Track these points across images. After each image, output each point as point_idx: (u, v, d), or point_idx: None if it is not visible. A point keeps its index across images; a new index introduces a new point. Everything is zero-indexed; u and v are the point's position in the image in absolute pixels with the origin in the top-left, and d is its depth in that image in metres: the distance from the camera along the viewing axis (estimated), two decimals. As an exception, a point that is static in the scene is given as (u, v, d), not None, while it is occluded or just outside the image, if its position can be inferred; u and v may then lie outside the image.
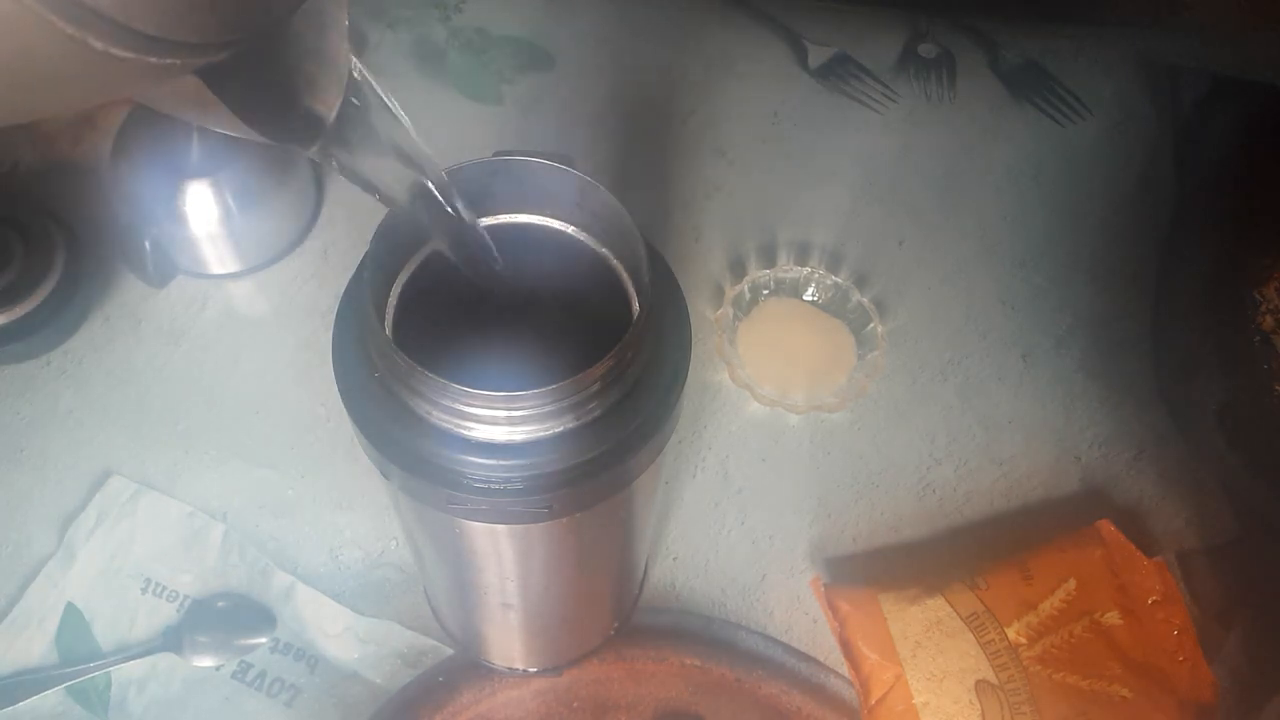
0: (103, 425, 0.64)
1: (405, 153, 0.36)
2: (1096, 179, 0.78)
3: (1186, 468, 0.65)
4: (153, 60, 0.22)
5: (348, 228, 0.72)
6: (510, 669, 0.58)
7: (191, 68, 0.24)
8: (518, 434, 0.37)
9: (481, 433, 0.37)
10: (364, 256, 0.39)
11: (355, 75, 0.33)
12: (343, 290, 0.41)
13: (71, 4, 0.20)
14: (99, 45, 0.21)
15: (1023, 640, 0.56)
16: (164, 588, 0.59)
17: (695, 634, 0.59)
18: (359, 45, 0.78)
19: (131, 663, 0.57)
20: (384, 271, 0.41)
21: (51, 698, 0.56)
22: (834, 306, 0.69)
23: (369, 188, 0.36)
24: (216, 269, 0.69)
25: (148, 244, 0.65)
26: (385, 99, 0.34)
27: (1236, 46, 0.84)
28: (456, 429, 0.37)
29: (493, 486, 0.38)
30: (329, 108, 0.33)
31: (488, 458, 0.37)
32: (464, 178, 0.39)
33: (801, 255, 0.72)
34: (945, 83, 0.81)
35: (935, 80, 0.81)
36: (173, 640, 0.58)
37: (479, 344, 0.43)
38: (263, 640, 0.58)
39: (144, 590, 0.59)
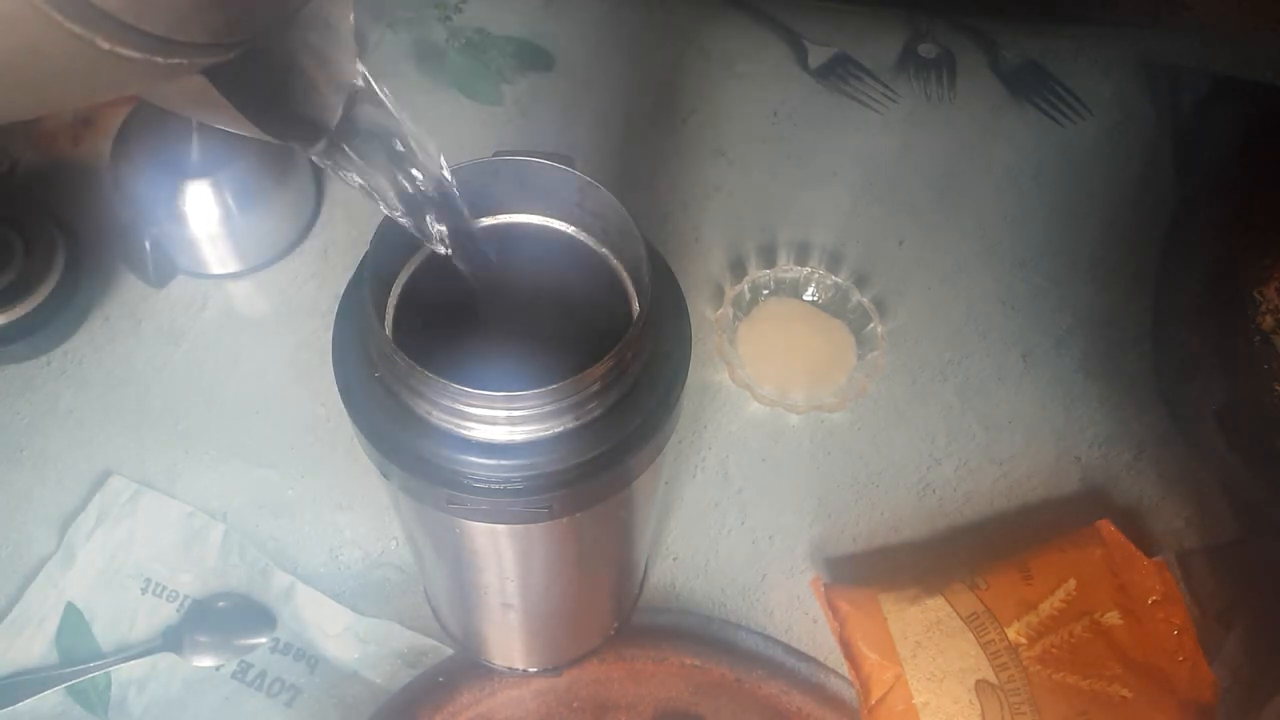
0: (103, 425, 0.64)
1: (406, 155, 0.36)
2: (1096, 179, 0.78)
3: (1186, 468, 0.65)
4: (159, 60, 0.22)
5: (348, 228, 0.72)
6: (510, 669, 0.58)
7: (198, 68, 0.24)
8: (518, 434, 0.37)
9: (481, 433, 0.37)
10: (364, 257, 0.39)
11: (359, 81, 0.33)
12: (343, 290, 0.41)
13: (79, 4, 0.20)
14: (106, 45, 0.21)
15: (1023, 640, 0.56)
16: (164, 588, 0.59)
17: (695, 634, 0.59)
18: (359, 46, 0.78)
19: (131, 663, 0.57)
20: (384, 271, 0.41)
21: (51, 698, 0.56)
22: (834, 306, 0.69)
23: (368, 191, 0.36)
24: (216, 269, 0.69)
25: (148, 244, 0.65)
26: (387, 102, 0.34)
27: (1236, 46, 0.84)
28: (456, 429, 0.37)
29: (493, 486, 0.38)
30: (333, 108, 0.33)
31: (488, 458, 0.37)
32: (464, 178, 0.39)
33: (801, 255, 0.72)
34: (945, 83, 0.81)
35: (935, 80, 0.81)
36: (173, 640, 0.58)
37: (479, 344, 0.43)
38: (263, 640, 0.58)
39: (144, 590, 0.59)
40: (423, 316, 0.42)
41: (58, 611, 0.58)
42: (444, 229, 0.38)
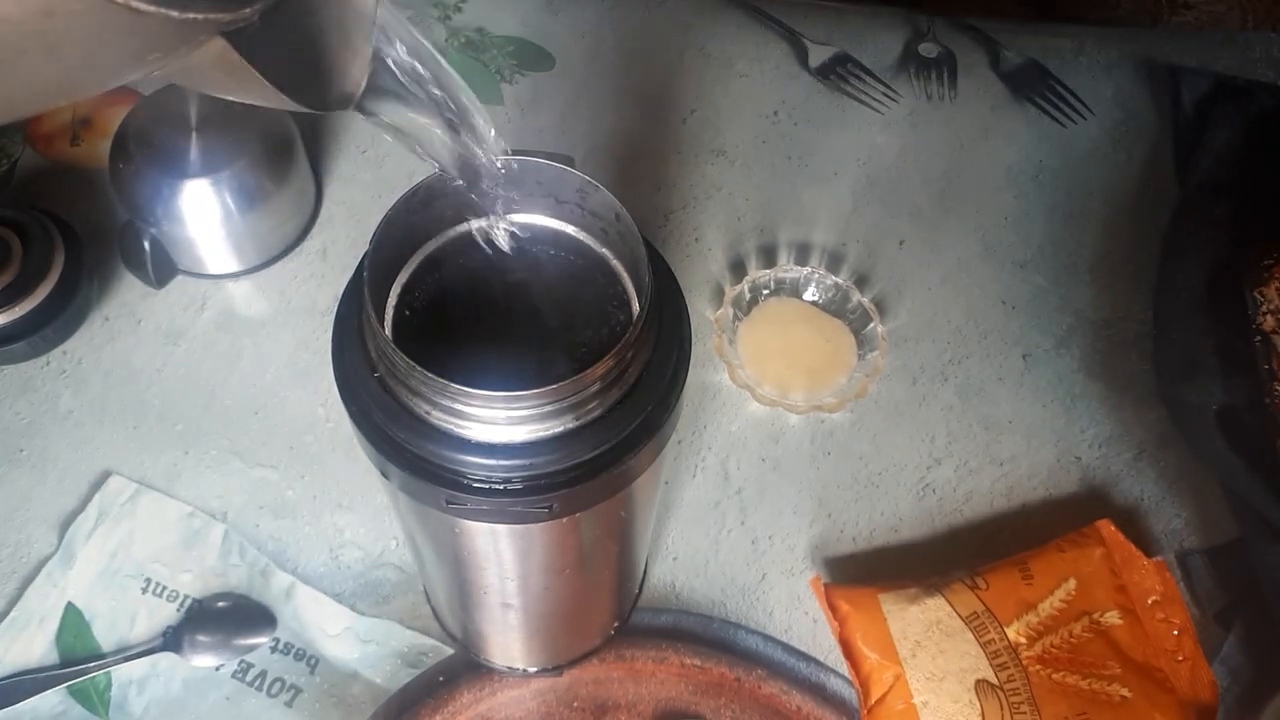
0: (102, 425, 0.64)
1: (439, 94, 0.35)
2: (1097, 179, 0.78)
3: (1186, 468, 0.65)
4: (175, 15, 0.21)
5: (347, 227, 0.72)
6: (510, 669, 0.58)
7: (217, 26, 0.23)
8: (518, 434, 0.37)
9: (481, 433, 0.37)
10: (363, 256, 0.39)
11: (387, 29, 0.32)
12: (342, 290, 0.41)
13: None
14: None
15: (1022, 640, 0.56)
16: (164, 588, 0.59)
17: (695, 634, 0.59)
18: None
19: (132, 663, 0.57)
20: (383, 271, 0.41)
21: (51, 698, 0.56)
22: (834, 306, 0.69)
23: (407, 142, 0.35)
24: (216, 269, 0.69)
25: (147, 244, 0.65)
26: (418, 38, 0.33)
27: (1236, 46, 0.84)
28: (456, 429, 0.37)
29: (493, 487, 0.38)
30: (361, 70, 0.32)
31: (488, 458, 0.37)
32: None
33: (802, 255, 0.72)
34: (946, 82, 0.81)
35: (936, 80, 0.81)
36: (173, 640, 0.58)
37: (479, 344, 0.43)
38: (263, 640, 0.58)
39: (144, 590, 0.59)
40: (422, 316, 0.42)
41: (58, 611, 0.58)
42: (479, 171, 0.37)
